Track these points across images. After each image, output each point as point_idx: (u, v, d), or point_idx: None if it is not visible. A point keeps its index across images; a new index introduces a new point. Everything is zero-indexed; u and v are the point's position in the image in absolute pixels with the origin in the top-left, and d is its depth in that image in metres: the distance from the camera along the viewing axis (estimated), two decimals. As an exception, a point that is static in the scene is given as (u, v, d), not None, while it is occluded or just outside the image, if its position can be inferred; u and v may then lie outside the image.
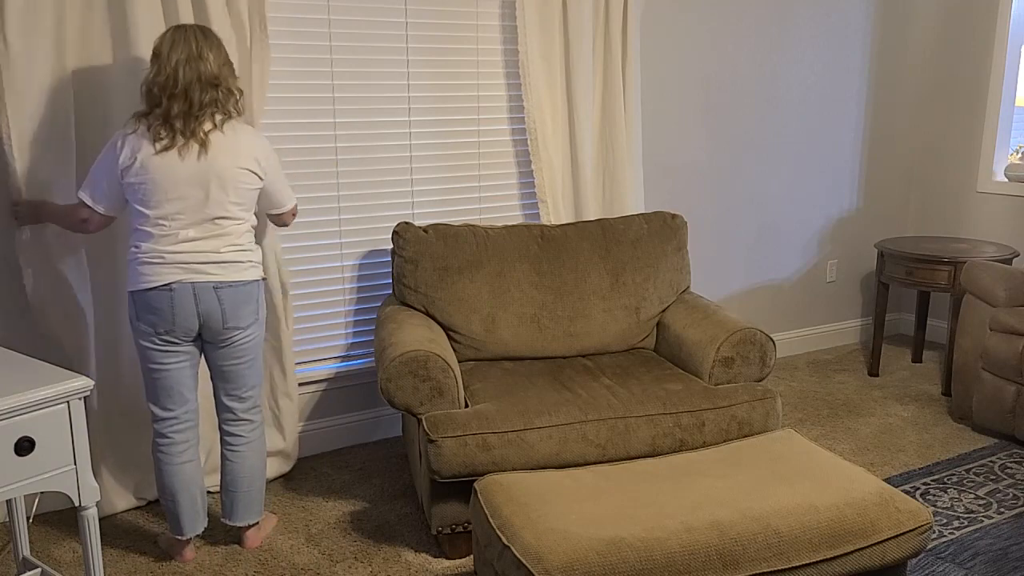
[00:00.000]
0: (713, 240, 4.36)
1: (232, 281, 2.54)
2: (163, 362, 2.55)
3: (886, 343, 4.98)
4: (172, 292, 2.47)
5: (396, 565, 2.73)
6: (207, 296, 2.51)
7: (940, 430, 3.76)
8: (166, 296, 2.47)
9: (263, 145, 2.60)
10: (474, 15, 3.52)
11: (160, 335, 2.51)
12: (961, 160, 4.75)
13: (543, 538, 2.00)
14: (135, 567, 2.71)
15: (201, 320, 2.52)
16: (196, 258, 2.49)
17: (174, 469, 2.63)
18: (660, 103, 4.06)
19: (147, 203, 2.46)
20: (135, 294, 2.50)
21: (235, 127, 2.52)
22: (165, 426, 2.61)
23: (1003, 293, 3.59)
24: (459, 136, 3.60)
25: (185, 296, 2.48)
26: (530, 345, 3.22)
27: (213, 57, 2.46)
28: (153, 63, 2.45)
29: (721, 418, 2.83)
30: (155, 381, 2.58)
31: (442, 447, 2.58)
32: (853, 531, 2.14)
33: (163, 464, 2.63)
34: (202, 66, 2.43)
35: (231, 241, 2.54)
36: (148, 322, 2.50)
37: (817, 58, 4.47)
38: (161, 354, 2.55)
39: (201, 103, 2.43)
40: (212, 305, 2.52)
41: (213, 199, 2.48)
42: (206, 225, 2.50)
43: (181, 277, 2.47)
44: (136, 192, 2.46)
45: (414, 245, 3.18)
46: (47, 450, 2.02)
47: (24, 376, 2.07)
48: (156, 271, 2.47)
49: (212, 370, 2.67)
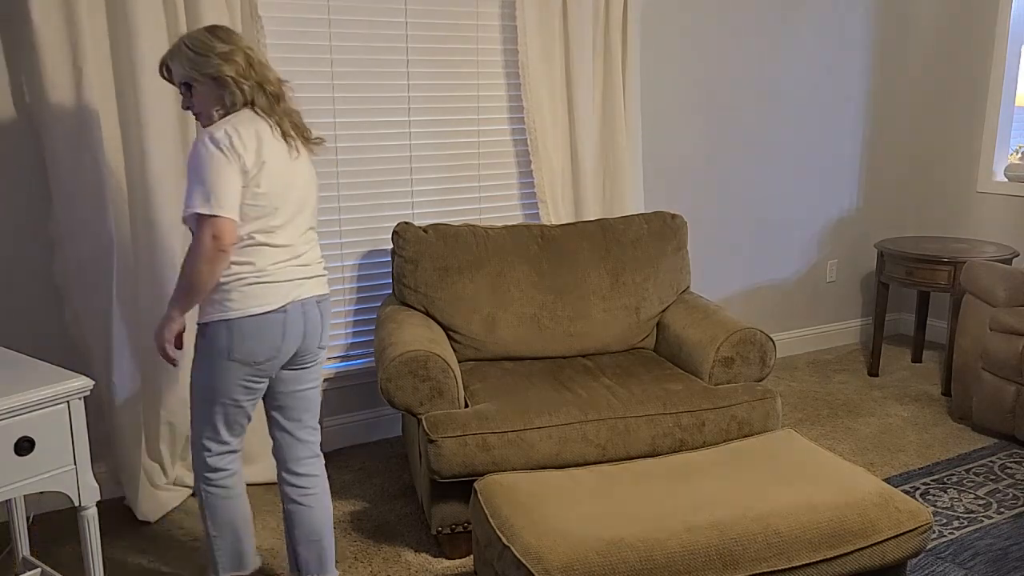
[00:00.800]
0: (713, 240, 4.36)
1: (325, 294, 2.34)
2: (242, 399, 2.25)
3: (886, 343, 4.98)
4: (285, 314, 2.20)
5: (396, 565, 2.73)
6: (313, 312, 2.28)
7: (940, 430, 3.76)
8: (279, 320, 2.19)
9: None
10: (474, 15, 3.52)
11: (257, 365, 2.21)
12: (961, 160, 4.75)
13: (543, 538, 2.00)
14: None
15: (303, 341, 2.27)
16: (305, 272, 2.26)
17: (236, 502, 2.37)
18: (660, 103, 4.06)
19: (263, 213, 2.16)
20: (238, 322, 2.15)
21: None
22: (224, 460, 2.33)
23: (1003, 293, 3.58)
24: (459, 136, 3.60)
25: (295, 316, 2.22)
26: (530, 345, 3.22)
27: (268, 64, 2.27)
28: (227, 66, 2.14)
29: (721, 418, 2.83)
30: (225, 416, 2.27)
31: (442, 447, 2.58)
32: (853, 531, 2.14)
33: (222, 499, 2.35)
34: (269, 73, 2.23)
35: (318, 251, 2.36)
36: (248, 352, 2.18)
37: (817, 58, 4.47)
38: (245, 390, 2.24)
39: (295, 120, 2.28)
40: (315, 322, 2.29)
41: (311, 208, 2.31)
42: (308, 234, 2.30)
43: (295, 295, 2.21)
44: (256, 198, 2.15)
45: (414, 245, 3.18)
46: (47, 450, 2.01)
47: (24, 375, 2.06)
48: (271, 292, 2.18)
49: (282, 401, 2.36)
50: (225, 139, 2.09)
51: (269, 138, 2.18)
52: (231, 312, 2.15)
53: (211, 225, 2.06)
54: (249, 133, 2.14)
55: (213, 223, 2.06)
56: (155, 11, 2.81)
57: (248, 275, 2.15)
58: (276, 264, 2.19)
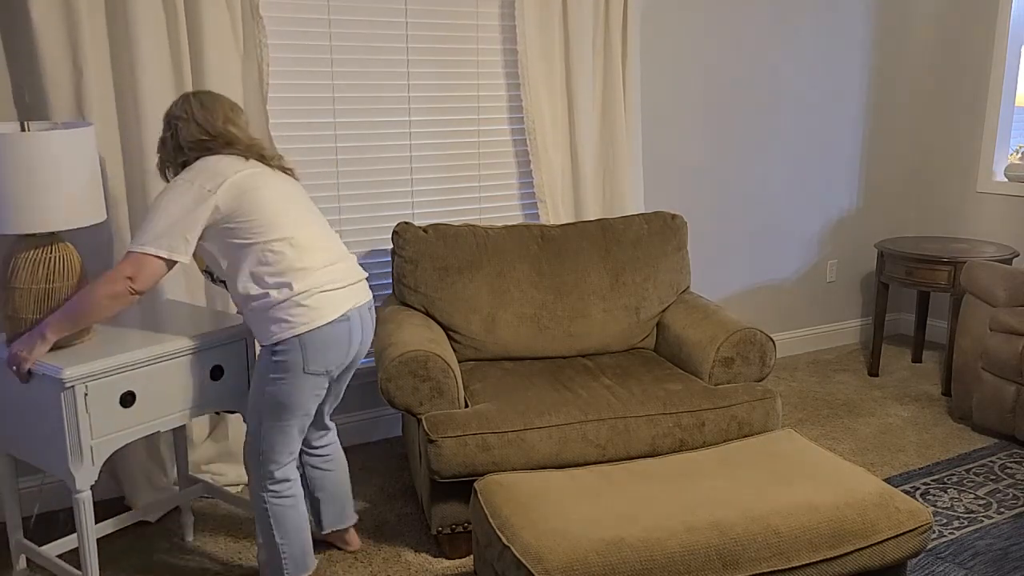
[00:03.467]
0: (713, 240, 4.36)
1: (370, 299, 2.46)
2: (312, 407, 2.36)
3: (886, 343, 4.98)
4: (350, 321, 2.31)
5: (396, 565, 2.73)
6: (366, 317, 2.40)
7: (940, 430, 3.76)
8: (345, 327, 2.30)
9: None
10: (474, 15, 3.52)
11: (330, 374, 2.32)
12: (961, 160, 4.75)
13: (543, 538, 2.00)
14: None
15: (361, 346, 2.40)
16: (353, 275, 2.37)
17: (299, 507, 2.43)
18: (660, 103, 4.06)
19: (277, 224, 2.25)
20: (308, 335, 2.22)
21: None
22: (290, 470, 2.40)
23: (1003, 293, 3.58)
24: (459, 136, 3.60)
25: (356, 322, 2.34)
26: (530, 345, 3.22)
27: (245, 117, 2.41)
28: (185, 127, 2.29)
29: (721, 418, 2.83)
30: (299, 428, 2.36)
31: (442, 447, 2.58)
32: (853, 531, 2.14)
33: (290, 508, 2.40)
34: (241, 124, 2.38)
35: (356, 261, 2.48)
36: (323, 363, 2.28)
37: (817, 58, 4.47)
38: (317, 398, 2.34)
39: (271, 152, 2.40)
40: (368, 327, 2.42)
41: (318, 213, 2.43)
42: (336, 240, 2.40)
43: (352, 302, 2.33)
44: (258, 214, 2.26)
45: (414, 245, 3.18)
46: (231, 376, 2.47)
47: (211, 319, 2.53)
48: (332, 301, 2.27)
49: (327, 396, 2.53)
50: None
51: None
52: (297, 328, 2.22)
53: None
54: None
55: None
56: (155, 10, 2.81)
57: (305, 290, 2.24)
58: (330, 274, 2.30)
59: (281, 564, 2.43)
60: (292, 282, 2.22)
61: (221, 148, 2.28)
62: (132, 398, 2.23)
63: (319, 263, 2.28)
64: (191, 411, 2.40)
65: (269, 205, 2.24)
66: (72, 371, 2.09)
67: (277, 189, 2.29)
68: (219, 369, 2.43)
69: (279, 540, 2.41)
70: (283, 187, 2.32)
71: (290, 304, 2.21)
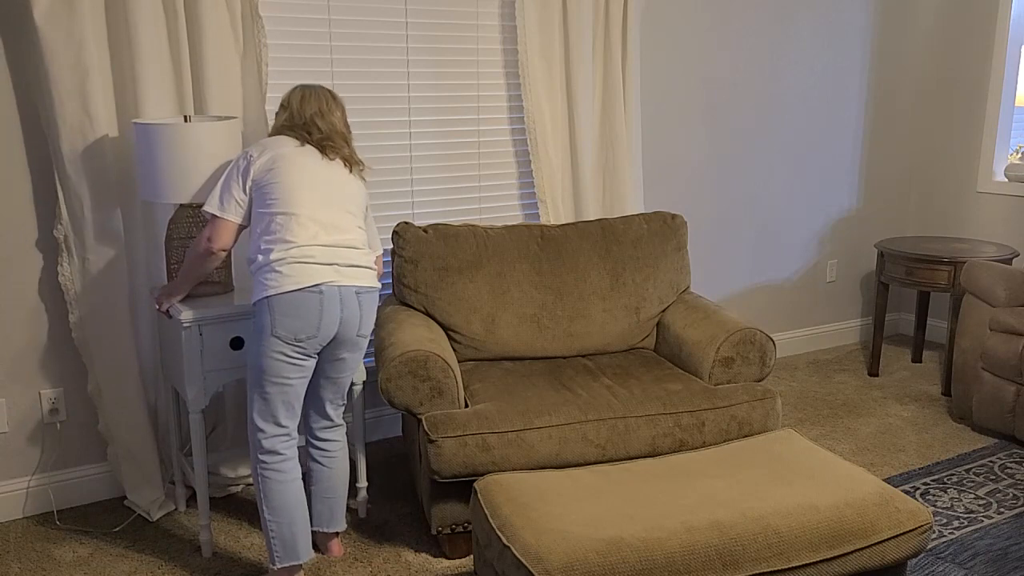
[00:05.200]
0: (713, 240, 4.36)
1: (370, 287, 2.51)
2: (290, 376, 2.42)
3: (886, 343, 4.98)
4: (321, 295, 2.38)
5: (396, 565, 2.73)
6: (351, 301, 2.44)
7: (940, 430, 3.76)
8: (315, 298, 2.37)
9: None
10: (474, 15, 3.52)
11: (298, 343, 2.38)
12: (961, 160, 4.75)
13: (543, 538, 2.00)
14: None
15: (341, 327, 2.44)
16: (340, 258, 2.43)
17: (290, 487, 2.48)
18: (660, 103, 4.06)
19: (289, 198, 2.41)
20: (275, 299, 2.35)
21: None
22: (278, 442, 2.46)
23: (1003, 293, 3.59)
24: (459, 136, 3.60)
25: (332, 299, 2.40)
26: (530, 345, 3.22)
27: (340, 115, 2.57)
28: (281, 113, 2.56)
29: (721, 418, 2.83)
30: (276, 396, 2.43)
31: (442, 447, 2.58)
32: (853, 531, 2.14)
33: (277, 483, 2.46)
34: (334, 119, 2.54)
35: (365, 248, 2.53)
36: (289, 328, 2.36)
37: (817, 58, 4.47)
38: (291, 367, 2.41)
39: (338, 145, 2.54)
40: (354, 311, 2.46)
41: (353, 205, 2.52)
42: (346, 221, 2.48)
43: (331, 278, 2.39)
44: (279, 188, 2.43)
45: (414, 245, 3.18)
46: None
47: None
48: (305, 271, 2.37)
49: (322, 379, 2.58)
50: None
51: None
52: (267, 291, 2.36)
53: None
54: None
55: None
56: (155, 10, 2.81)
57: (283, 255, 2.37)
58: (312, 246, 2.39)
59: (270, 543, 2.50)
60: (274, 249, 2.38)
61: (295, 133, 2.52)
62: (240, 342, 2.68)
63: (307, 239, 2.39)
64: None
65: (291, 181, 2.42)
66: (187, 315, 2.60)
67: (309, 170, 2.46)
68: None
69: (267, 516, 2.48)
70: (317, 171, 2.48)
71: (267, 269, 2.37)
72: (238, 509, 3.08)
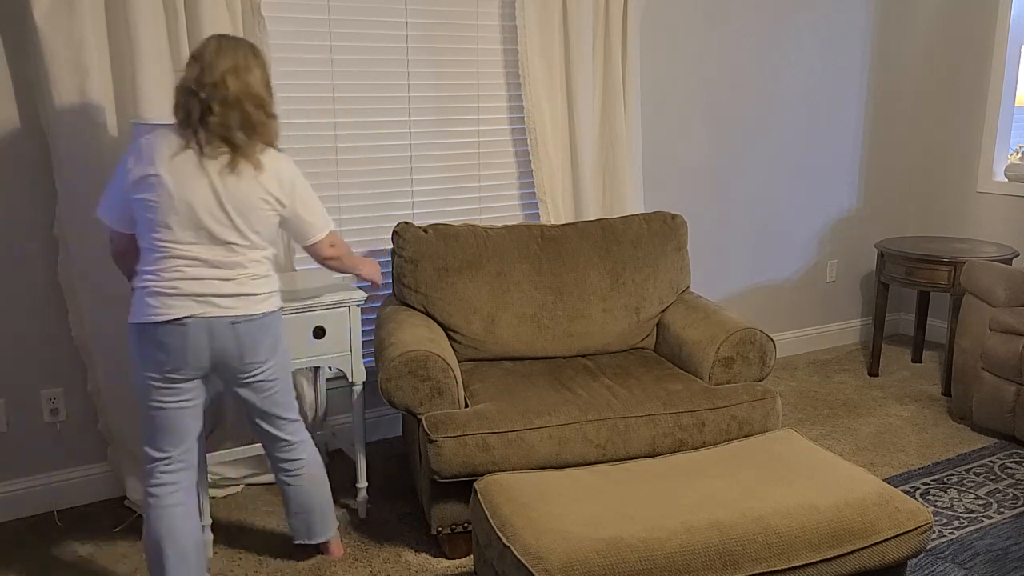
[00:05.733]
0: (713, 240, 4.36)
1: (251, 315, 2.29)
2: (163, 400, 2.28)
3: (886, 343, 4.98)
4: (185, 327, 2.22)
5: (396, 565, 2.73)
6: (223, 333, 2.26)
7: (940, 430, 3.76)
8: (179, 331, 2.22)
9: (294, 171, 2.38)
10: (474, 15, 3.52)
11: (166, 373, 2.26)
12: (961, 160, 4.75)
13: (543, 538, 2.00)
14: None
15: (216, 358, 2.28)
16: (211, 289, 2.24)
17: (161, 512, 2.31)
18: (660, 103, 4.06)
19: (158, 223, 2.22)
20: (139, 327, 2.23)
21: (273, 153, 2.33)
22: (158, 466, 2.33)
23: (1003, 293, 3.58)
24: (459, 136, 3.60)
25: (199, 332, 2.23)
26: (530, 345, 3.22)
27: (260, 76, 2.27)
28: (193, 65, 2.23)
29: (721, 418, 2.83)
30: (152, 419, 2.30)
31: (442, 447, 2.58)
32: (853, 531, 2.14)
33: (150, 508, 2.32)
34: (251, 79, 2.23)
35: (249, 271, 2.30)
36: (151, 358, 2.24)
37: (817, 58, 4.47)
38: (164, 391, 2.27)
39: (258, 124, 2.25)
40: (227, 343, 2.27)
41: (232, 224, 2.26)
42: (221, 252, 2.26)
43: (196, 311, 2.22)
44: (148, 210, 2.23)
45: (414, 245, 3.18)
46: (333, 337, 2.85)
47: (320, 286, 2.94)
48: (167, 304, 2.21)
49: (244, 406, 2.46)
50: None
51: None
52: (133, 316, 2.25)
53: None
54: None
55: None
56: (155, 10, 2.81)
57: (148, 283, 2.23)
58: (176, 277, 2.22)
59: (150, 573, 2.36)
60: (144, 275, 2.25)
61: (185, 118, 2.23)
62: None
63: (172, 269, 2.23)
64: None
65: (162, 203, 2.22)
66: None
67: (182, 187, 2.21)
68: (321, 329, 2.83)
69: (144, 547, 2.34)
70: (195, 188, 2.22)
71: (137, 292, 2.26)
72: (239, 509, 3.08)
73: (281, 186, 2.33)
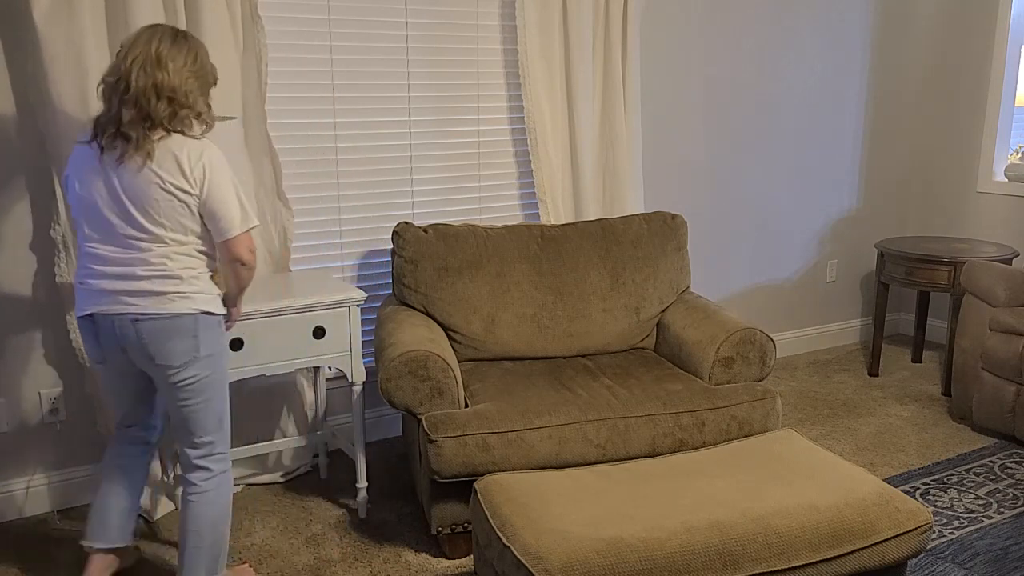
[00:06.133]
0: (713, 240, 4.36)
1: (153, 313, 2.18)
2: (109, 382, 2.43)
3: (886, 343, 4.98)
4: (95, 323, 2.25)
5: (396, 565, 2.73)
6: (126, 330, 2.20)
7: (940, 430, 3.76)
8: (89, 326, 2.27)
9: (208, 159, 2.21)
10: (474, 15, 3.52)
11: (96, 363, 2.38)
12: (961, 160, 4.75)
13: (543, 538, 2.00)
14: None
15: (132, 355, 2.25)
16: (117, 286, 2.20)
17: (104, 467, 2.49)
18: (660, 103, 4.06)
19: (76, 223, 2.26)
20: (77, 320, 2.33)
21: (180, 141, 2.19)
22: (118, 428, 2.50)
23: (1003, 293, 3.58)
24: (459, 136, 3.60)
25: (107, 328, 2.23)
26: (530, 345, 3.22)
27: (174, 67, 2.15)
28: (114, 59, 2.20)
29: (721, 418, 2.83)
30: (108, 393, 2.49)
31: (442, 447, 2.58)
32: (853, 531, 2.14)
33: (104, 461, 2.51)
34: (159, 75, 2.13)
35: (156, 267, 2.19)
36: (86, 347, 2.35)
37: (817, 58, 4.47)
38: (107, 374, 2.40)
39: (158, 116, 2.15)
40: (132, 341, 2.21)
41: (134, 218, 2.17)
42: (124, 248, 2.19)
43: (103, 308, 2.21)
44: (72, 211, 2.27)
45: (414, 245, 3.18)
46: (333, 337, 2.86)
47: (320, 285, 2.95)
48: (82, 299, 2.26)
49: (168, 407, 2.36)
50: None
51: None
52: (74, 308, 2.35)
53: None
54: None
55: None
56: (155, 10, 2.81)
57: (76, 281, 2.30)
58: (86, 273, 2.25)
59: None
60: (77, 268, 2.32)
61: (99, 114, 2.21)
62: (240, 343, 2.72)
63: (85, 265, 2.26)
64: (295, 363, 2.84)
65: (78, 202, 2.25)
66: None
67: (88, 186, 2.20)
68: (321, 329, 2.84)
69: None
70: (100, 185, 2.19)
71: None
72: (238, 509, 3.07)
73: (185, 172, 2.17)
